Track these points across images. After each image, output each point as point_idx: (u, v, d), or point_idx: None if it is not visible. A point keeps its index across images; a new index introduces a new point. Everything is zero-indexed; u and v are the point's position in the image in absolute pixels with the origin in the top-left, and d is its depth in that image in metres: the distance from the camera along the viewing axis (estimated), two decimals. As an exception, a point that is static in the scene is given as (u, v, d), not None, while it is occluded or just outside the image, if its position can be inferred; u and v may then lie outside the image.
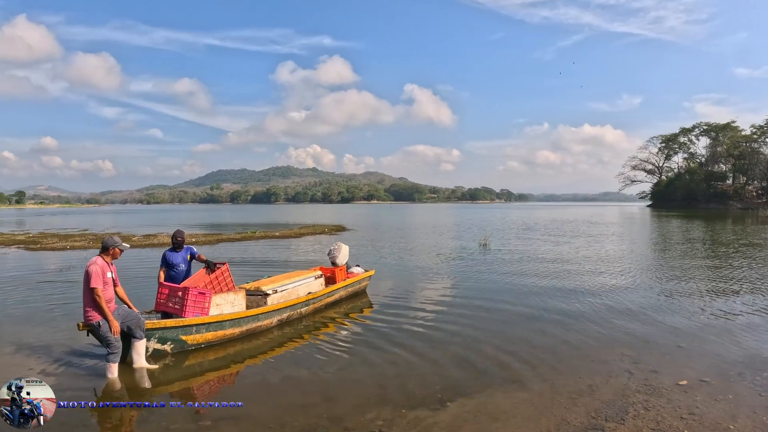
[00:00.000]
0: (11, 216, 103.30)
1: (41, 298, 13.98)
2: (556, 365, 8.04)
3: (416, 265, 20.55)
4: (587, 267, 19.25)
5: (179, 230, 10.65)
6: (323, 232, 41.13)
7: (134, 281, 15.98)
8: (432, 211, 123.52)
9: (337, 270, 13.50)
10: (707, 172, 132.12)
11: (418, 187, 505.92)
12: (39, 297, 14.08)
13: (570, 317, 11.26)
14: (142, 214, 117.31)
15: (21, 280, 17.06)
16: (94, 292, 7.55)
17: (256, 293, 10.78)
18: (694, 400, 6.58)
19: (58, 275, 18.14)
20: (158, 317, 9.29)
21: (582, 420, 6.02)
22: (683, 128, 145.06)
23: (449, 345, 9.23)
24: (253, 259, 23.23)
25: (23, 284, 16.24)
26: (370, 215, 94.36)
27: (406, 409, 6.40)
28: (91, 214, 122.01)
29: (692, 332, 9.96)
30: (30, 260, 23.46)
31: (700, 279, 16.03)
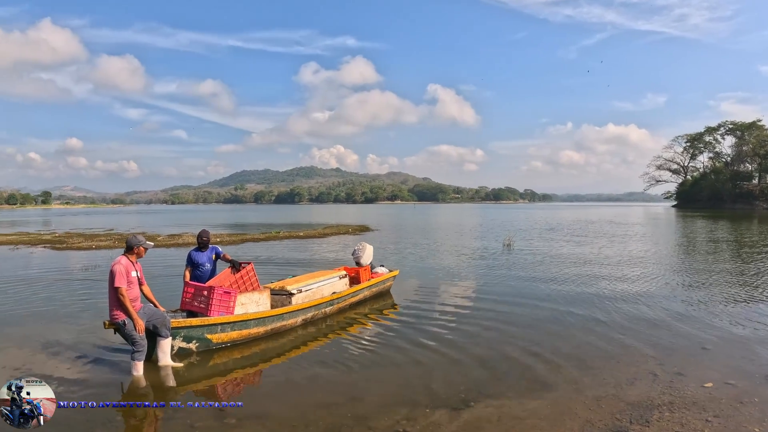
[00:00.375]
0: (38, 216, 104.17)
1: (67, 296, 14.18)
2: (580, 367, 8.01)
3: (440, 266, 20.53)
4: (611, 268, 19.12)
5: (204, 230, 10.66)
6: (347, 233, 41.16)
7: (159, 280, 16.10)
8: (456, 212, 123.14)
9: (362, 270, 13.51)
10: (733, 172, 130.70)
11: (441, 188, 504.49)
12: (65, 295, 14.29)
13: (594, 319, 11.20)
14: (166, 214, 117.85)
15: (47, 279, 17.27)
16: (118, 291, 7.64)
17: (281, 293, 10.84)
18: (719, 402, 6.53)
19: (83, 274, 18.34)
20: (183, 316, 9.37)
21: (606, 422, 6.00)
22: (708, 127, 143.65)
23: (473, 345, 9.22)
24: (278, 259, 23.33)
25: (49, 282, 16.46)
26: (394, 215, 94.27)
27: (430, 408, 6.41)
28: (116, 214, 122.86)
29: (717, 334, 9.85)
30: (56, 259, 23.71)
31: (726, 281, 15.85)
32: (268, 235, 37.43)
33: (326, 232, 41.44)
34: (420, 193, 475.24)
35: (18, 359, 8.69)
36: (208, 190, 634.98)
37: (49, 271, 19.35)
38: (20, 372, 7.89)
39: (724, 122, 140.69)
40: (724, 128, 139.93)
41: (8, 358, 8.81)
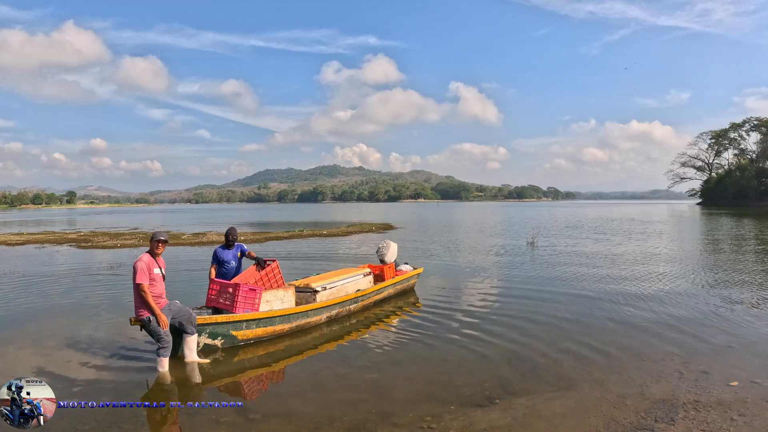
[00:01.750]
0: (63, 215, 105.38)
1: (92, 293, 14.42)
2: (605, 364, 7.98)
3: (464, 263, 20.56)
4: (635, 266, 19.00)
5: (232, 228, 10.75)
6: (371, 231, 41.28)
7: (185, 278, 16.27)
8: (479, 210, 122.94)
9: (386, 268, 13.55)
10: (759, 169, 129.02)
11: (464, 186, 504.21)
12: (89, 292, 14.53)
13: (619, 317, 11.15)
14: (190, 213, 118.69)
15: (72, 276, 17.60)
16: (140, 288, 7.73)
17: (306, 290, 10.89)
18: (745, 401, 6.47)
19: (108, 271, 18.60)
20: (209, 313, 9.41)
21: (631, 420, 5.98)
22: (733, 123, 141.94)
23: (498, 343, 9.21)
24: (302, 257, 23.50)
25: (74, 280, 16.78)
26: (418, 214, 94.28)
27: (455, 405, 6.42)
28: (141, 213, 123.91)
29: (743, 333, 9.76)
30: (81, 257, 24.02)
31: (751, 280, 15.69)
32: (291, 233, 37.61)
33: (350, 230, 41.56)
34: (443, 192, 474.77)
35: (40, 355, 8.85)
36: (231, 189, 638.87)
37: (74, 269, 19.64)
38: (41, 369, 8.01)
39: (749, 118, 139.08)
40: (749, 124, 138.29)
41: (29, 354, 8.97)
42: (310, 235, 36.78)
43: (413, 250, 25.66)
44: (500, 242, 30.47)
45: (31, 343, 9.55)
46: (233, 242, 10.66)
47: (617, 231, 38.26)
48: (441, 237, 35.09)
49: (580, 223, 50.74)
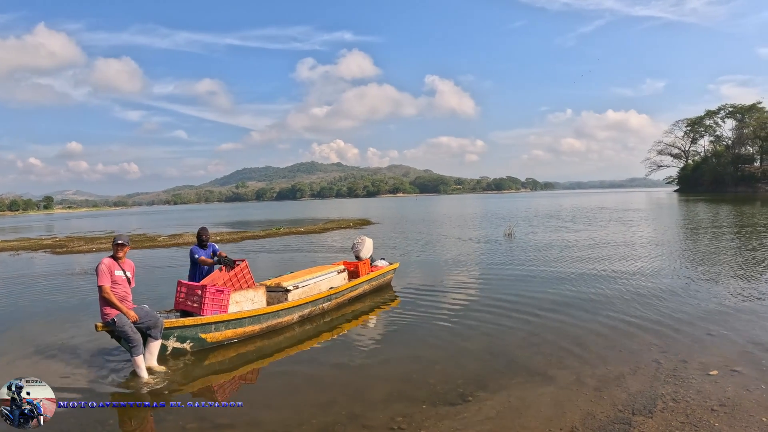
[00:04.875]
0: (40, 221, 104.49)
1: (64, 298, 14.23)
2: (581, 356, 7.87)
3: (442, 257, 20.48)
4: (613, 254, 19.05)
5: (204, 228, 10.82)
6: (348, 227, 41.22)
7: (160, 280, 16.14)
8: (458, 203, 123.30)
9: (361, 264, 13.40)
10: (734, 155, 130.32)
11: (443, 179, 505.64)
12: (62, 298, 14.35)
13: (596, 306, 11.07)
14: (168, 214, 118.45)
15: (45, 282, 17.38)
16: (102, 290, 7.60)
17: (277, 289, 10.73)
18: (724, 390, 6.37)
19: (82, 277, 18.27)
20: (177, 316, 9.30)
21: (608, 413, 5.85)
22: (708, 111, 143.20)
23: (473, 338, 9.10)
24: (278, 256, 23.31)
25: (47, 286, 16.55)
26: (396, 208, 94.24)
27: (427, 405, 6.28)
28: (119, 216, 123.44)
29: (722, 319, 9.69)
30: (56, 263, 23.62)
31: (730, 267, 15.65)
32: (268, 232, 37.44)
33: (327, 227, 41.42)
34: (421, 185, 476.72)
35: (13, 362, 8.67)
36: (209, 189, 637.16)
37: (48, 275, 19.36)
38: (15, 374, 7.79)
39: (724, 105, 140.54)
40: (724, 111, 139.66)
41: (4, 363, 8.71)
42: (287, 233, 36.55)
43: (391, 245, 25.60)
44: (478, 235, 30.43)
45: (2, 352, 9.33)
46: (206, 242, 10.65)
47: (595, 220, 38.39)
48: (419, 231, 35.02)
49: (557, 213, 50.89)
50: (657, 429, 5.48)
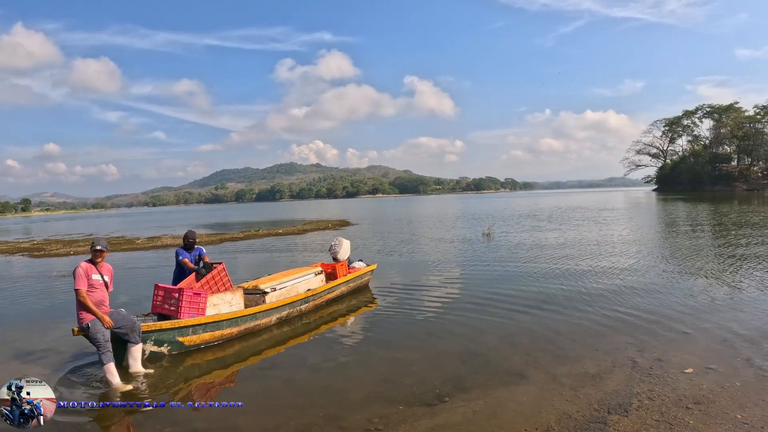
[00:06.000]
0: (17, 224, 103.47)
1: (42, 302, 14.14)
2: (558, 356, 7.90)
3: (420, 258, 20.49)
4: (589, 253, 19.16)
5: (191, 231, 10.88)
6: (327, 228, 41.12)
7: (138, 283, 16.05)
8: (437, 203, 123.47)
9: (338, 265, 13.39)
10: (712, 155, 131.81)
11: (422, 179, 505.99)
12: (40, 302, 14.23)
13: (573, 306, 11.12)
14: (147, 216, 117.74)
15: (22, 286, 17.16)
16: (78, 293, 7.55)
17: (255, 292, 10.70)
18: (700, 388, 6.42)
19: (60, 280, 18.13)
20: (155, 320, 9.25)
21: (584, 412, 5.88)
22: (686, 111, 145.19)
23: (450, 339, 9.11)
24: (256, 258, 23.23)
25: (24, 290, 16.37)
26: (375, 209, 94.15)
27: (404, 406, 6.28)
28: (97, 218, 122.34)
29: (698, 317, 9.78)
30: (34, 267, 23.38)
31: (706, 265, 15.79)
32: (247, 233, 37.24)
33: (306, 228, 41.35)
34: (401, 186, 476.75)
35: None
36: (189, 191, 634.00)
37: (25, 279, 19.17)
38: None
39: (702, 106, 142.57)
40: (701, 111, 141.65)
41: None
42: (266, 234, 36.42)
43: (369, 246, 25.59)
44: (456, 235, 30.50)
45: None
46: (193, 244, 10.74)
47: (573, 220, 38.57)
48: (398, 232, 34.99)
49: (536, 213, 51.05)
50: (632, 427, 5.51)
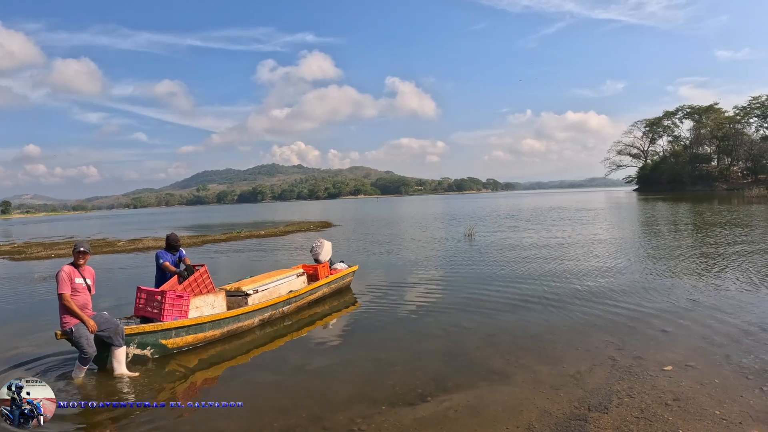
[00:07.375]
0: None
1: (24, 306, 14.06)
2: (538, 356, 7.95)
3: (402, 258, 20.53)
4: (570, 253, 19.29)
5: (173, 233, 10.81)
6: (309, 229, 41.05)
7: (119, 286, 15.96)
8: (419, 204, 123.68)
9: (320, 267, 13.42)
10: (692, 155, 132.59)
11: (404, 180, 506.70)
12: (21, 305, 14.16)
13: (553, 305, 11.21)
14: (128, 218, 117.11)
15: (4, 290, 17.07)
16: (62, 297, 7.57)
17: (237, 294, 10.70)
18: (679, 385, 6.49)
19: (41, 283, 18.04)
20: (137, 322, 9.18)
21: (565, 410, 5.93)
22: (667, 111, 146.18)
23: (432, 339, 9.15)
24: (238, 260, 23.18)
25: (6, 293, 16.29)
26: (357, 210, 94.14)
27: (386, 406, 6.31)
28: (78, 220, 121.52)
29: (678, 315, 9.88)
30: (14, 270, 23.26)
31: (685, 263, 15.97)
32: (229, 235, 37.13)
33: (288, 229, 41.27)
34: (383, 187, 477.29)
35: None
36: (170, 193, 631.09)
37: (6, 282, 19.06)
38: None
39: (682, 106, 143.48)
40: (682, 112, 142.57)
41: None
42: (248, 236, 36.33)
43: (351, 247, 25.64)
44: (438, 235, 30.61)
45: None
46: (177, 247, 10.70)
47: (554, 220, 38.78)
48: (379, 233, 35.03)
49: (517, 213, 51.22)
50: (612, 424, 5.57)
